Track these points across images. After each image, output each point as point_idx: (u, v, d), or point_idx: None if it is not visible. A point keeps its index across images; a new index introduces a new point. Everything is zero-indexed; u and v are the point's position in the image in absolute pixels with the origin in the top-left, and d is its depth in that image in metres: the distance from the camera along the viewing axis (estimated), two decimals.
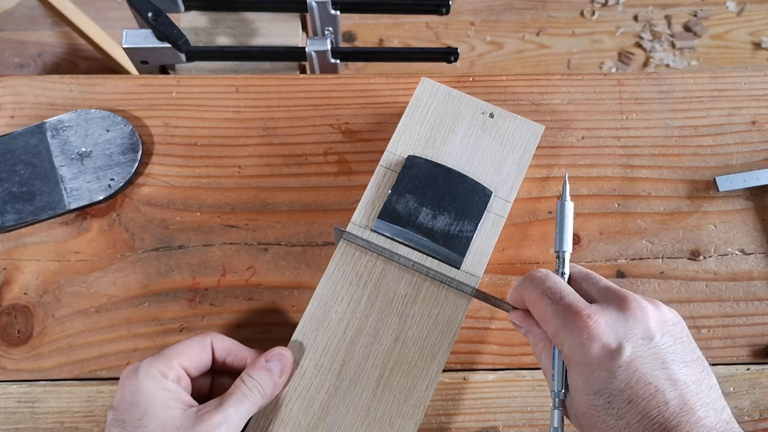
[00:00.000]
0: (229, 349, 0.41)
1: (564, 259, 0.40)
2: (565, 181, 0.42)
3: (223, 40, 0.71)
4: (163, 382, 0.38)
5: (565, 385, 0.36)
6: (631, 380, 0.33)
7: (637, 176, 0.53)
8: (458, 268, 0.45)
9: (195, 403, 0.39)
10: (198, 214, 0.51)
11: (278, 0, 0.71)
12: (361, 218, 0.46)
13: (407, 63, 0.78)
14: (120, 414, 0.37)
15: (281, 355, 0.41)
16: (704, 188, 0.52)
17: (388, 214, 0.46)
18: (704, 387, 0.34)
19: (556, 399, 0.37)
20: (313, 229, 0.51)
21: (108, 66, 1.22)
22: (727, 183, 0.52)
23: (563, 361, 0.36)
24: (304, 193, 0.52)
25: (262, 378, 0.40)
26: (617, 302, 0.35)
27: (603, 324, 0.34)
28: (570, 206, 0.41)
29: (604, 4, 1.39)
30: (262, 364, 0.40)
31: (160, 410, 0.37)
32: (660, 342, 0.34)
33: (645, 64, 1.35)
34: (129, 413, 0.37)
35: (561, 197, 0.42)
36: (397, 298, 0.44)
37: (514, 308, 0.41)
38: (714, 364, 0.47)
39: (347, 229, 0.46)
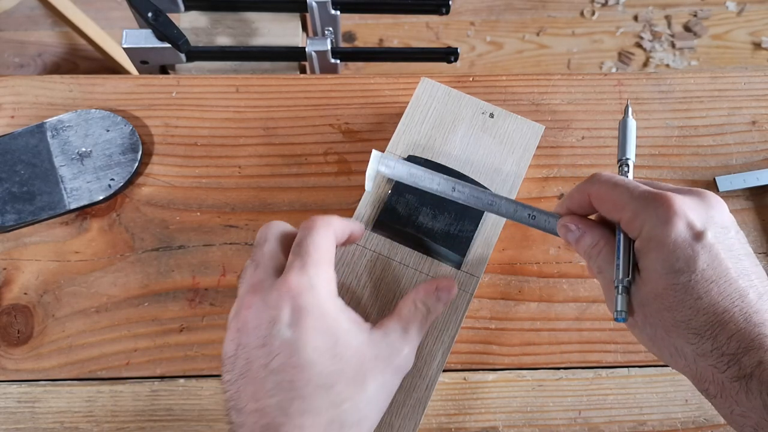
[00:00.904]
0: (345, 230, 0.41)
1: (630, 167, 0.40)
2: (628, 105, 0.43)
3: (223, 40, 0.71)
4: (337, 299, 0.37)
5: (632, 273, 0.35)
6: (713, 262, 0.32)
7: (637, 176, 0.53)
8: (458, 268, 0.45)
9: (361, 319, 0.38)
10: (198, 214, 0.51)
11: (278, 0, 0.71)
12: (361, 218, 0.46)
13: (407, 63, 0.78)
14: (303, 334, 0.34)
15: (450, 289, 0.42)
16: (704, 188, 0.52)
17: (388, 214, 0.46)
18: None
19: (620, 286, 0.35)
20: None
21: (108, 66, 1.22)
22: (727, 183, 0.52)
23: (632, 248, 0.35)
24: (304, 193, 0.52)
25: (435, 307, 0.40)
26: (696, 193, 0.35)
27: (688, 205, 0.34)
28: (632, 123, 0.42)
29: (604, 4, 1.39)
30: (435, 293, 0.41)
31: (350, 337, 0.36)
32: (734, 236, 0.34)
33: (645, 64, 1.35)
34: (319, 339, 0.34)
35: (624, 117, 0.42)
36: (397, 298, 0.44)
37: (565, 215, 0.40)
38: None
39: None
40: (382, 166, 0.44)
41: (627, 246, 0.36)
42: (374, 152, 0.44)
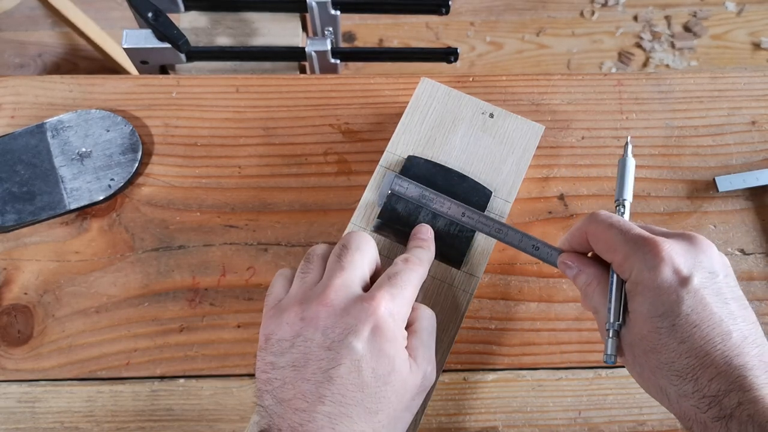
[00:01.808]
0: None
1: (626, 207, 0.41)
2: (627, 142, 0.44)
3: (223, 40, 0.71)
4: (405, 334, 0.37)
5: (622, 316, 0.37)
6: (697, 307, 0.33)
7: (637, 176, 0.53)
8: (458, 268, 0.45)
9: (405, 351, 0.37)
10: (198, 214, 0.51)
11: (278, 0, 0.71)
12: (361, 218, 0.46)
13: (407, 63, 0.78)
14: (373, 354, 0.34)
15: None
16: (704, 188, 0.52)
17: (388, 214, 0.46)
18: (759, 331, 0.34)
19: (611, 330, 0.37)
20: (313, 229, 0.51)
21: (108, 66, 1.22)
22: (726, 183, 0.52)
23: (623, 291, 0.37)
24: (304, 193, 0.52)
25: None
26: (685, 238, 0.36)
27: (675, 250, 0.35)
28: (632, 162, 0.43)
29: (604, 5, 1.39)
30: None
31: (403, 368, 0.36)
32: (722, 280, 0.35)
33: (645, 64, 1.35)
34: (383, 364, 0.35)
35: (623, 155, 0.43)
36: None
37: (565, 251, 0.41)
38: None
39: (347, 230, 0.46)
40: (396, 186, 0.45)
41: (619, 287, 0.37)
42: (388, 173, 0.46)
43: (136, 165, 0.51)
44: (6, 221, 0.49)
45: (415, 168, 0.47)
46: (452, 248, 0.45)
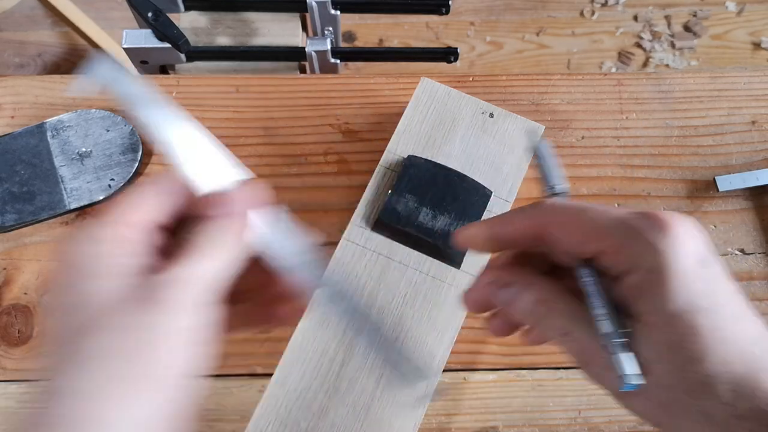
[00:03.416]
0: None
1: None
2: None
3: (223, 40, 0.71)
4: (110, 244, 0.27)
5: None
6: (730, 293, 0.26)
7: (637, 176, 0.53)
8: (458, 268, 0.45)
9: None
10: None
11: (278, 0, 0.71)
12: (361, 218, 0.46)
13: (407, 63, 0.78)
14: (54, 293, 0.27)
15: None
16: (704, 188, 0.52)
17: (388, 214, 0.46)
18: None
19: (614, 343, 0.26)
20: (313, 229, 0.51)
21: None
22: (726, 183, 0.52)
23: (612, 291, 0.27)
24: (304, 193, 0.52)
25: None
26: (677, 215, 0.27)
27: (686, 226, 0.26)
28: (546, 146, 0.33)
29: (604, 4, 1.39)
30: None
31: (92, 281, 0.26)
32: (718, 262, 0.27)
33: (645, 64, 1.35)
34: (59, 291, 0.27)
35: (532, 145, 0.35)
36: (397, 298, 0.44)
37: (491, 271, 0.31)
38: None
39: (347, 230, 0.46)
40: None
41: (605, 289, 0.27)
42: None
43: (136, 165, 0.51)
44: (6, 221, 0.49)
45: (414, 168, 0.47)
46: (452, 248, 0.45)
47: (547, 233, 0.29)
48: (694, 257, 0.26)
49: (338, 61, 0.69)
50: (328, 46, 0.66)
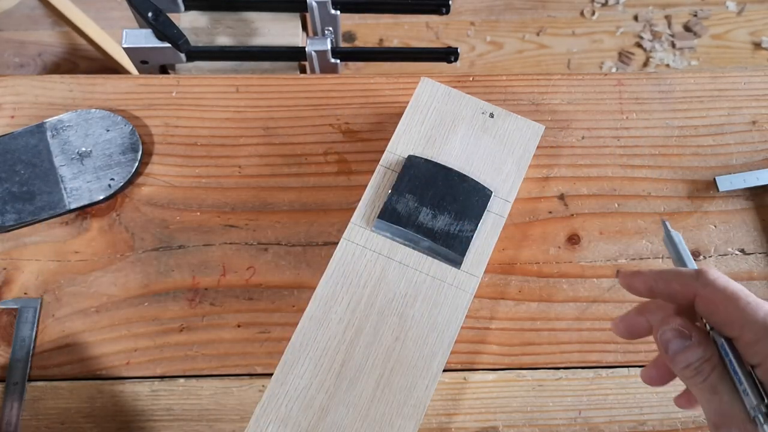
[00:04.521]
0: None
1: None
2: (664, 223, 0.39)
3: (223, 40, 0.71)
4: None
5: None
6: None
7: (637, 176, 0.53)
8: (458, 268, 0.45)
9: None
10: (198, 214, 0.51)
11: (278, 0, 0.71)
12: (361, 218, 0.46)
13: (407, 63, 0.78)
14: None
15: None
16: (704, 188, 0.52)
17: (388, 214, 0.46)
18: None
19: (760, 414, 0.29)
20: (313, 229, 0.51)
21: (108, 66, 1.22)
22: (727, 183, 0.52)
23: (752, 372, 0.31)
24: (304, 193, 0.52)
25: None
26: None
27: None
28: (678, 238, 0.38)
29: (604, 4, 1.39)
30: None
31: None
32: None
33: (645, 64, 1.35)
34: None
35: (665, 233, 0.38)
36: (397, 298, 0.44)
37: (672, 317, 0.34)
38: None
39: (347, 230, 0.46)
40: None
41: (741, 365, 0.31)
42: None
43: (136, 165, 0.51)
44: (6, 221, 0.49)
45: (415, 168, 0.47)
46: (452, 248, 0.45)
47: (697, 306, 0.33)
48: None
49: (338, 61, 0.68)
50: (328, 46, 0.66)
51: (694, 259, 0.50)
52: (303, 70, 0.74)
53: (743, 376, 0.30)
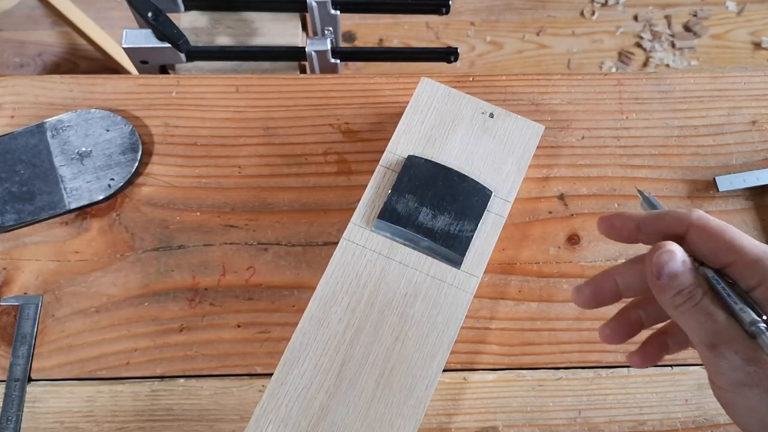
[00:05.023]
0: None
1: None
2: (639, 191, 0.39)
3: (223, 40, 0.71)
4: None
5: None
6: None
7: (637, 176, 0.53)
8: (458, 268, 0.45)
9: None
10: (198, 214, 0.51)
11: (278, 0, 0.71)
12: (361, 218, 0.46)
13: (407, 63, 0.78)
14: None
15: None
16: (704, 188, 0.52)
17: (388, 214, 0.46)
18: None
19: (760, 325, 0.29)
20: (313, 229, 0.51)
21: (108, 66, 1.22)
22: (727, 183, 0.52)
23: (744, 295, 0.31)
24: (304, 193, 0.52)
25: None
26: None
27: None
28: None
29: (604, 4, 1.39)
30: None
31: None
32: None
33: (645, 64, 1.35)
34: None
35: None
36: (397, 298, 0.44)
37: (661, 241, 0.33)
38: None
39: (347, 230, 0.46)
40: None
41: (736, 289, 0.31)
42: None
43: (136, 165, 0.51)
44: (6, 221, 0.49)
45: (414, 168, 0.47)
46: (452, 248, 0.45)
47: (689, 237, 0.32)
48: None
49: (338, 61, 0.69)
50: (328, 46, 0.66)
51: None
52: (303, 70, 0.74)
53: (737, 297, 0.31)
